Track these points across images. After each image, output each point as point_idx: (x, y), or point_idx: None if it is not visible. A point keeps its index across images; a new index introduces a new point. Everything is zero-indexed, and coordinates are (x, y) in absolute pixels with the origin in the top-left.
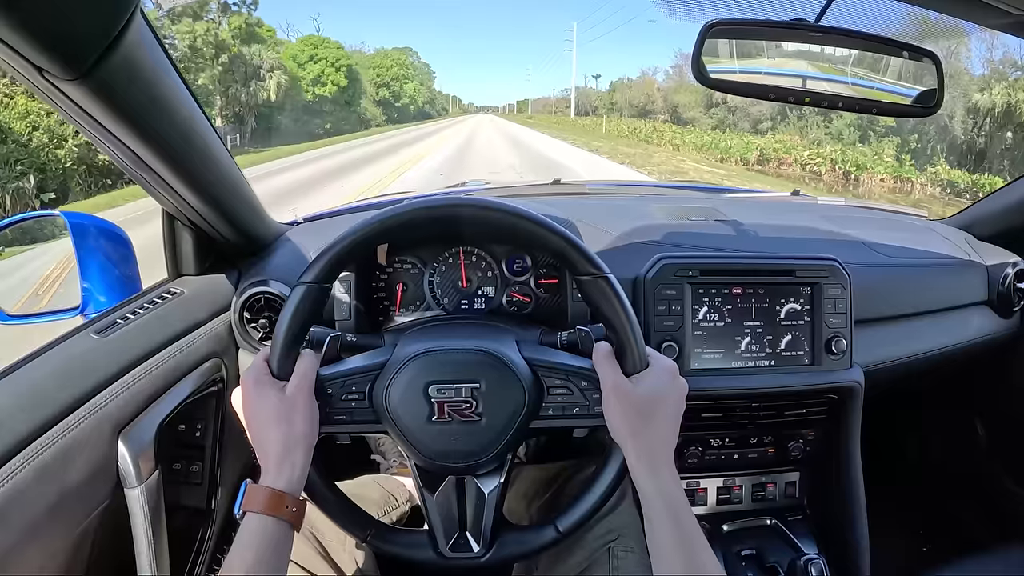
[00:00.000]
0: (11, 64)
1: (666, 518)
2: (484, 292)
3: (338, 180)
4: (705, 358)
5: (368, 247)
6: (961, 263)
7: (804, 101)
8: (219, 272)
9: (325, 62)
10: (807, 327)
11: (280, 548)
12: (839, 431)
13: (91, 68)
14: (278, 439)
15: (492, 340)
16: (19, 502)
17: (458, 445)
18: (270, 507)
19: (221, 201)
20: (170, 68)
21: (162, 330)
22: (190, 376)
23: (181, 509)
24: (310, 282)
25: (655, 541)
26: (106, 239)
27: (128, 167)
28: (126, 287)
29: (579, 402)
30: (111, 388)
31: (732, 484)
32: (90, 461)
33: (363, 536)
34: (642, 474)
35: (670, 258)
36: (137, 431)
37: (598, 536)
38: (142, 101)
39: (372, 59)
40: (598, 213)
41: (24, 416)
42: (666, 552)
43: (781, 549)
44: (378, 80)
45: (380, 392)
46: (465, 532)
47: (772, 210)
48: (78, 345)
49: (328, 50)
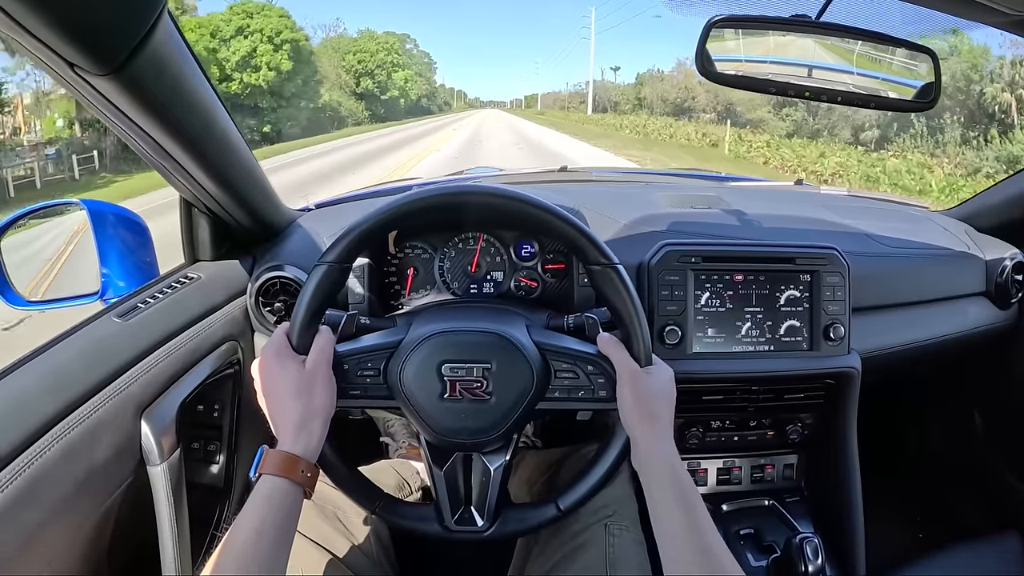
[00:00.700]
0: (43, 59)
1: (675, 499)
2: (493, 277)
3: None
4: (707, 342)
5: (388, 230)
6: (960, 254)
7: (804, 95)
8: (234, 258)
9: (259, 36)
10: (806, 313)
11: (290, 510)
12: (836, 415)
13: (122, 64)
14: (296, 409)
15: (504, 323)
16: (48, 479)
17: (467, 423)
18: (284, 469)
19: (237, 188)
20: (193, 64)
21: (181, 314)
22: (208, 358)
23: (200, 486)
24: (331, 261)
25: (665, 527)
26: (124, 226)
27: (150, 156)
28: (144, 273)
29: (584, 386)
30: (133, 370)
31: (732, 465)
32: (114, 440)
33: (371, 508)
34: (655, 457)
35: (673, 245)
36: (159, 411)
37: (594, 511)
38: (168, 94)
39: (354, 43)
40: (604, 201)
41: (51, 397)
42: (675, 532)
43: (778, 529)
44: (359, 68)
45: (395, 369)
46: (470, 507)
47: (775, 199)
48: (101, 329)
49: (266, 19)
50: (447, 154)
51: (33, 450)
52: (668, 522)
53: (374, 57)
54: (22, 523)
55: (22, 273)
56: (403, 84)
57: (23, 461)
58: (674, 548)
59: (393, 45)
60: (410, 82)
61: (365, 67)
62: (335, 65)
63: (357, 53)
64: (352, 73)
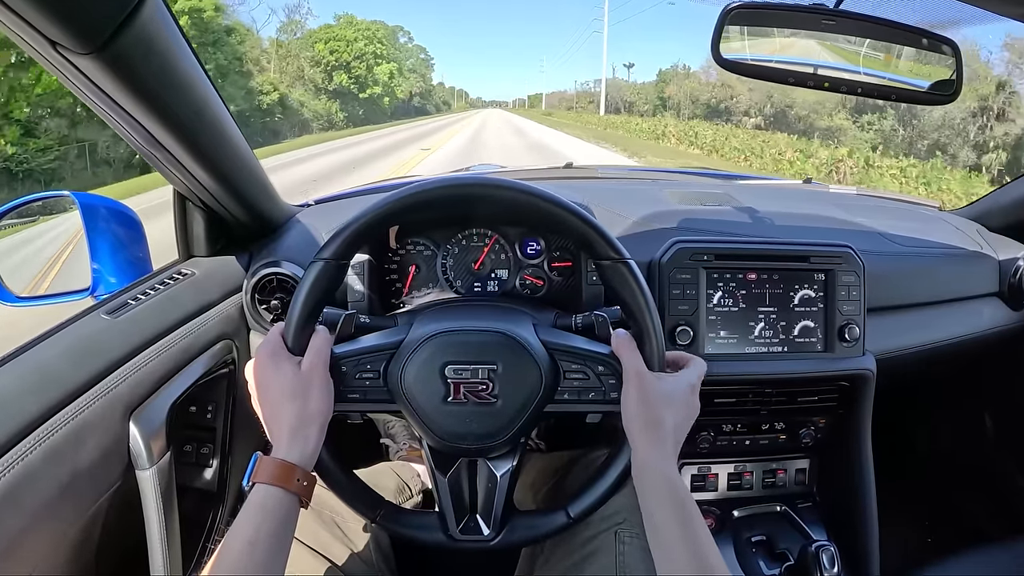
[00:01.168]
0: (24, 37)
1: (671, 511)
2: (497, 275)
3: None
4: (719, 343)
5: (388, 225)
6: (972, 254)
7: (823, 86)
8: (230, 254)
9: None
10: (820, 313)
11: (286, 521)
12: (850, 418)
13: (106, 42)
14: (292, 413)
15: (510, 322)
16: (30, 484)
17: (473, 427)
18: (279, 478)
19: (233, 181)
20: (184, 45)
21: (173, 311)
22: (201, 357)
23: (192, 491)
24: (327, 258)
25: (659, 534)
26: (116, 220)
27: (140, 145)
28: (136, 268)
29: (595, 387)
30: (122, 369)
31: (743, 470)
32: (101, 443)
33: (373, 517)
34: (649, 461)
35: (685, 242)
36: (148, 412)
37: (604, 519)
38: (156, 77)
39: (328, 31)
40: (611, 197)
41: (34, 398)
42: (671, 545)
43: (791, 535)
44: (332, 60)
45: (395, 371)
46: (475, 515)
47: (785, 197)
48: (89, 326)
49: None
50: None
51: (15, 452)
52: (663, 534)
53: (351, 47)
54: (3, 529)
55: (24, 271)
56: (387, 80)
57: (4, 464)
58: (670, 561)
59: (376, 33)
60: (397, 78)
61: (339, 59)
62: (294, 56)
63: (330, 42)
64: (322, 67)
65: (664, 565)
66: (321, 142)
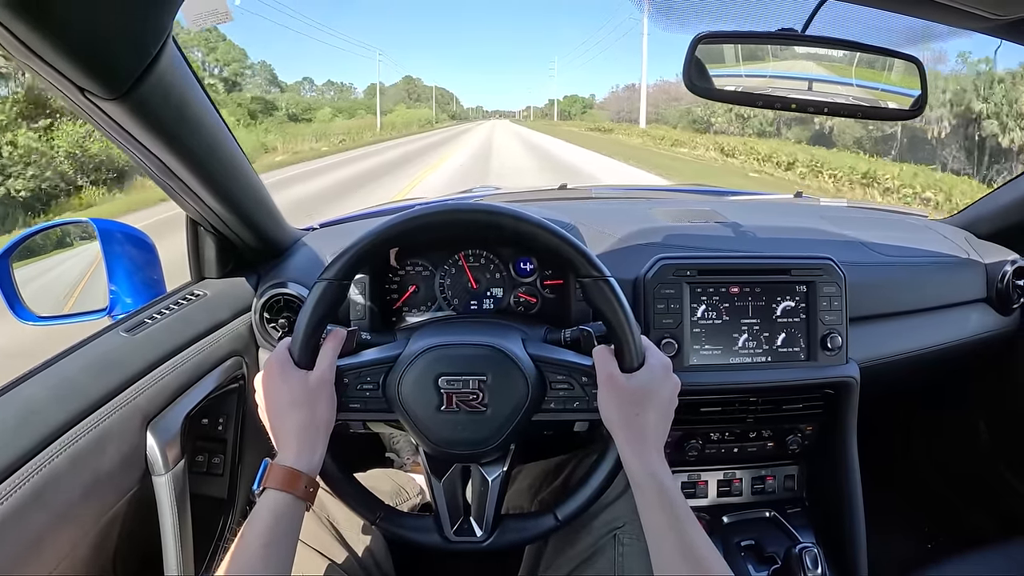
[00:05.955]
0: (56, 85)
1: (656, 502)
2: (492, 293)
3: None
4: (704, 354)
5: (385, 248)
6: (960, 261)
7: (791, 108)
8: (239, 275)
9: None
10: (803, 324)
11: (293, 523)
12: (836, 425)
13: (130, 88)
14: (299, 422)
15: (499, 337)
16: (55, 485)
17: (464, 434)
18: (288, 484)
19: (243, 208)
20: (197, 85)
21: (186, 329)
22: (213, 372)
23: (204, 497)
24: (330, 279)
25: (648, 525)
26: (132, 244)
27: (157, 177)
28: (151, 289)
29: (579, 397)
30: (140, 382)
31: (732, 477)
32: (120, 450)
33: (372, 519)
34: (633, 461)
35: (669, 259)
36: (164, 422)
37: (604, 523)
38: (174, 117)
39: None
40: (601, 217)
41: (59, 407)
42: (659, 534)
43: (779, 539)
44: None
45: (393, 383)
46: (469, 518)
47: (773, 211)
48: (109, 343)
49: None
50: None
51: (42, 456)
52: (652, 530)
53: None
54: (29, 526)
55: (47, 294)
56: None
57: (32, 467)
58: (660, 555)
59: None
60: (231, 63)
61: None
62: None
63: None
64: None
65: (656, 561)
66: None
